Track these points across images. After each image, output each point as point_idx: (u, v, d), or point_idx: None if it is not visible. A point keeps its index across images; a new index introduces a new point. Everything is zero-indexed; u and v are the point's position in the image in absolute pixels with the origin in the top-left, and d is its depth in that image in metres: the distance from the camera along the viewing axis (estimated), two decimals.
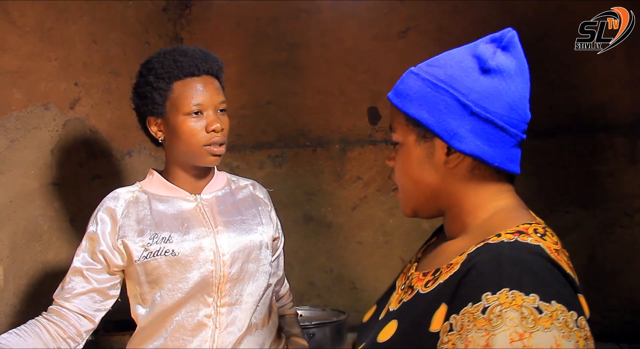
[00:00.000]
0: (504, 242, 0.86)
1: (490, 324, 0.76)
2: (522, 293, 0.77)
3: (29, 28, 1.99)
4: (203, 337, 1.50)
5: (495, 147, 0.93)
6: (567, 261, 0.88)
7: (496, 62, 0.93)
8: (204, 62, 1.51)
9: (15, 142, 1.92)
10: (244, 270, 1.55)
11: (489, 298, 0.79)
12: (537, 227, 0.90)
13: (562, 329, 0.75)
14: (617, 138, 2.84)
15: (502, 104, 0.92)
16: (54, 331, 1.43)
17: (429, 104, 0.95)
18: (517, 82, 0.94)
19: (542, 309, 0.76)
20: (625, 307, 2.84)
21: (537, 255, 0.83)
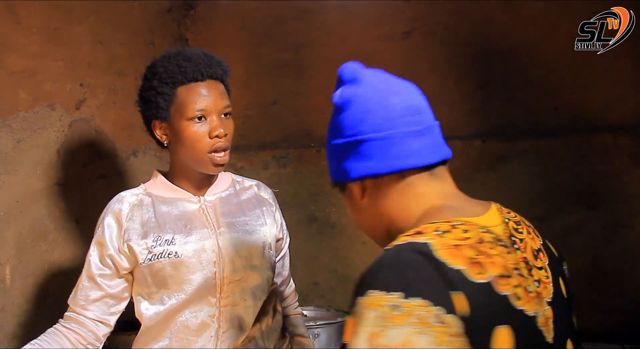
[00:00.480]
0: (396, 245, 0.88)
1: (354, 323, 0.79)
2: (385, 292, 0.79)
3: (35, 28, 2.00)
4: (207, 337, 1.51)
5: (371, 158, 0.98)
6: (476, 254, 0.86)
7: (340, 96, 1.04)
8: (207, 67, 1.52)
9: (22, 142, 1.93)
10: (247, 271, 1.56)
11: (358, 300, 0.81)
12: (443, 225, 0.90)
13: (416, 326, 0.75)
14: (622, 138, 2.83)
15: (356, 120, 0.99)
16: (75, 339, 1.48)
17: (332, 162, 1.07)
18: (368, 96, 1.00)
19: (401, 306, 0.77)
20: (630, 308, 2.84)
21: (417, 253, 0.84)
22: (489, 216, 0.98)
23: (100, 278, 1.51)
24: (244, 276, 1.55)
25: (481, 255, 0.86)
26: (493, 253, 0.88)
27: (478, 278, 0.83)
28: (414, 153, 0.96)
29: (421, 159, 0.97)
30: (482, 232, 0.91)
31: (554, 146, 2.90)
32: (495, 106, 2.92)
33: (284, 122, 3.16)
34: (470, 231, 0.89)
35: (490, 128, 2.93)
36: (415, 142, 0.97)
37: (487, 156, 2.89)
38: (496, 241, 0.91)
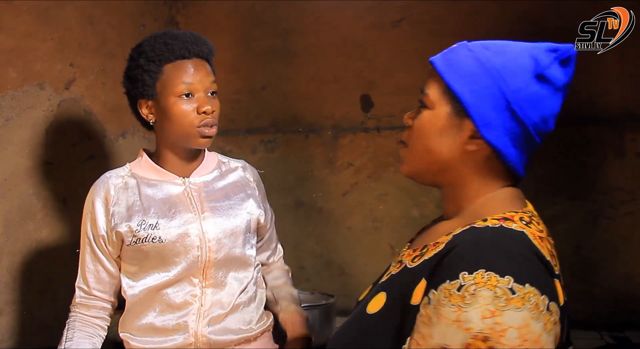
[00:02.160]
0: (489, 227, 0.89)
1: (463, 301, 0.80)
2: (497, 275, 0.80)
3: (25, 7, 2.00)
4: (189, 314, 1.55)
5: (517, 148, 0.96)
6: (551, 248, 0.92)
7: (551, 73, 0.95)
8: (194, 45, 1.52)
9: (10, 121, 1.94)
10: (230, 255, 1.58)
11: (465, 276, 0.82)
12: (524, 215, 0.93)
13: (533, 311, 0.79)
14: (606, 131, 2.87)
15: (540, 113, 0.95)
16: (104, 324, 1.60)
17: (474, 85, 0.95)
18: (558, 97, 0.97)
19: (516, 291, 0.79)
20: (608, 297, 2.89)
21: (518, 240, 0.87)
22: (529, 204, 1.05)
23: (101, 258, 1.55)
24: (227, 259, 1.58)
25: (553, 248, 0.93)
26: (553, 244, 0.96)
27: (556, 269, 0.90)
28: (526, 165, 1.02)
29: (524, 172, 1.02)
30: (544, 224, 0.97)
31: None
32: None
33: (272, 108, 3.17)
34: (540, 223, 0.95)
35: None
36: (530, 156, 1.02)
37: None
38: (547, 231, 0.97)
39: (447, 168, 1.00)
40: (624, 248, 2.88)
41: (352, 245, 3.11)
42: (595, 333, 2.81)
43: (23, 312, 1.98)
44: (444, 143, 0.99)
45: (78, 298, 1.57)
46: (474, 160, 0.98)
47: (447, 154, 0.99)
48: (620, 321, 2.86)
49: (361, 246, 3.08)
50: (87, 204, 1.56)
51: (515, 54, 0.97)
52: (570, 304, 2.94)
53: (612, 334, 2.80)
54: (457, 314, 0.80)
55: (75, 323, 1.55)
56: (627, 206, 2.88)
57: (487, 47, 1.00)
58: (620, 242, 2.88)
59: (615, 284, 2.89)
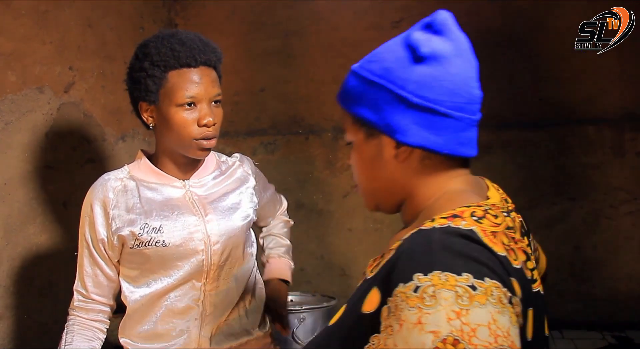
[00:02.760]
0: (435, 227, 0.85)
1: (423, 302, 0.76)
2: (455, 274, 0.77)
3: (24, 11, 1.99)
4: (191, 319, 1.54)
5: (442, 134, 0.91)
6: (509, 242, 0.88)
7: (430, 48, 0.90)
8: (202, 53, 1.46)
9: (10, 124, 1.93)
10: (233, 255, 1.57)
11: (420, 278, 0.78)
12: (477, 210, 0.89)
13: (497, 305, 0.76)
14: (605, 131, 2.88)
15: (442, 90, 0.90)
16: (103, 327, 1.58)
17: (369, 101, 0.94)
18: (456, 64, 0.91)
19: (477, 286, 0.76)
20: (609, 297, 2.89)
21: (467, 239, 0.83)
22: (493, 195, 1.01)
23: (99, 262, 1.53)
24: (230, 261, 1.57)
25: (511, 242, 0.88)
26: (517, 238, 0.91)
27: (515, 263, 0.85)
28: (470, 142, 0.95)
29: (471, 151, 0.95)
30: (506, 217, 0.92)
31: (538, 137, 2.94)
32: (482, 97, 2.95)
33: (272, 109, 3.17)
34: (498, 216, 0.90)
35: None
36: (473, 132, 0.95)
37: None
38: (513, 224, 0.93)
39: (394, 187, 0.99)
40: (625, 248, 2.89)
41: (353, 246, 3.11)
42: (597, 333, 2.81)
43: (23, 316, 1.97)
44: (378, 167, 0.98)
45: (76, 301, 1.56)
46: (411, 167, 0.95)
47: (387, 175, 0.97)
48: (621, 321, 2.86)
49: (362, 248, 3.08)
50: (85, 207, 1.53)
51: (391, 51, 0.95)
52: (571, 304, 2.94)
53: (614, 334, 2.80)
54: (418, 316, 0.76)
55: (74, 327, 1.54)
56: (627, 206, 2.88)
57: (368, 59, 0.98)
58: (621, 242, 2.89)
59: (616, 284, 2.89)
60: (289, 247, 1.89)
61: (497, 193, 1.03)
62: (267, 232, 1.90)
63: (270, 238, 1.88)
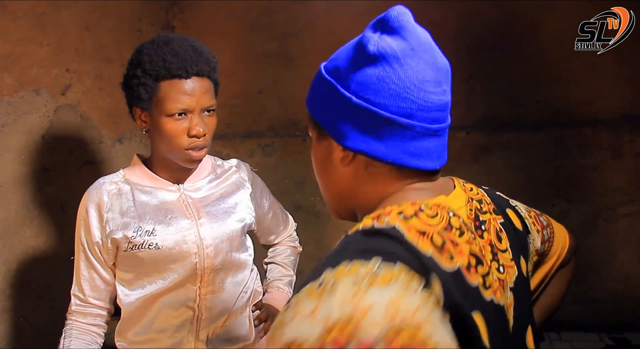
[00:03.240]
0: (359, 230, 0.80)
1: (322, 294, 0.69)
2: (362, 260, 0.71)
3: (21, 13, 1.99)
4: (186, 323, 1.54)
5: (385, 141, 0.84)
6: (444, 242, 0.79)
7: (377, 47, 0.83)
8: (194, 65, 1.46)
9: (6, 127, 1.93)
10: (228, 259, 1.57)
11: (327, 273, 0.72)
12: (407, 208, 0.82)
13: (405, 284, 0.69)
14: (603, 133, 2.88)
15: (387, 92, 0.82)
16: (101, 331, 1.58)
17: (321, 101, 0.90)
18: (409, 65, 0.83)
19: (382, 268, 0.70)
20: (607, 298, 2.90)
21: (387, 237, 0.77)
22: (455, 196, 0.92)
23: (95, 265, 1.53)
24: (224, 265, 1.56)
25: (448, 243, 0.80)
26: (460, 241, 0.82)
27: (447, 265, 0.77)
28: (426, 154, 0.86)
29: (428, 163, 0.87)
30: (451, 216, 0.84)
31: (536, 138, 2.94)
32: (480, 98, 2.96)
33: (270, 112, 3.17)
34: (437, 215, 0.82)
35: (474, 120, 2.96)
36: (432, 143, 0.86)
37: (470, 148, 2.93)
38: (464, 225, 0.85)
39: (344, 193, 0.94)
40: (623, 250, 2.89)
41: None
42: (595, 335, 2.82)
43: (20, 319, 1.97)
44: (328, 169, 0.93)
45: (74, 305, 1.56)
46: (357, 173, 0.89)
47: (336, 179, 0.93)
48: (619, 322, 2.86)
49: None
50: (80, 210, 1.53)
51: (346, 49, 0.89)
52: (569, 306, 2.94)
53: (612, 336, 2.80)
54: (314, 307, 0.68)
55: (72, 331, 1.53)
56: (625, 208, 2.88)
57: (331, 57, 0.93)
58: (619, 244, 2.89)
59: (614, 285, 2.89)
60: (292, 279, 1.86)
61: (463, 193, 0.95)
62: (271, 258, 1.88)
63: (273, 267, 1.87)
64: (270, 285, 1.81)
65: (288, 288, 1.82)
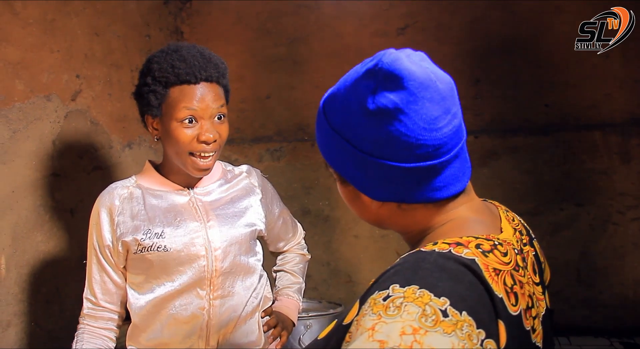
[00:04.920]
0: (435, 251, 0.79)
1: (385, 311, 0.70)
2: (432, 294, 0.71)
3: (31, 20, 2.01)
4: (197, 328, 1.55)
5: (412, 186, 0.84)
6: (513, 285, 0.80)
7: (376, 105, 0.80)
8: (202, 70, 1.47)
9: (18, 132, 1.94)
10: (236, 263, 1.57)
11: (395, 288, 0.73)
12: (484, 242, 0.82)
13: (464, 340, 0.68)
14: (611, 137, 2.87)
15: (400, 145, 0.81)
16: (113, 335, 1.59)
17: (335, 154, 0.88)
18: (414, 112, 0.80)
19: (449, 314, 0.70)
20: (617, 303, 2.88)
21: (464, 267, 0.76)
22: (506, 229, 0.92)
23: (107, 268, 1.55)
24: (233, 268, 1.57)
25: (516, 285, 0.80)
26: (524, 282, 0.83)
27: (512, 309, 0.78)
28: (454, 179, 0.86)
29: (457, 186, 0.87)
30: (516, 255, 0.85)
31: (544, 142, 2.94)
32: (488, 102, 2.96)
33: (278, 116, 3.18)
34: (508, 254, 0.83)
35: (481, 124, 2.96)
36: (455, 166, 0.86)
37: (478, 152, 2.92)
38: (523, 264, 0.86)
39: (380, 222, 0.94)
40: (633, 254, 2.87)
41: (358, 253, 3.11)
42: (605, 339, 2.80)
43: (31, 323, 1.98)
44: (358, 206, 0.93)
45: (86, 309, 1.57)
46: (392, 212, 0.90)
47: (372, 214, 0.92)
48: (630, 327, 2.84)
49: (368, 254, 3.08)
50: (93, 214, 1.56)
51: (345, 101, 0.85)
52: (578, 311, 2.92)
53: (622, 341, 2.78)
54: (374, 322, 0.70)
55: (84, 335, 1.55)
56: (634, 212, 2.87)
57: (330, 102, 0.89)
58: (629, 248, 2.87)
59: (624, 290, 2.87)
60: (301, 286, 1.87)
61: (509, 225, 0.94)
62: (280, 266, 1.89)
63: (282, 274, 1.88)
64: (280, 293, 1.81)
65: (297, 296, 1.83)
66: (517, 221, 0.99)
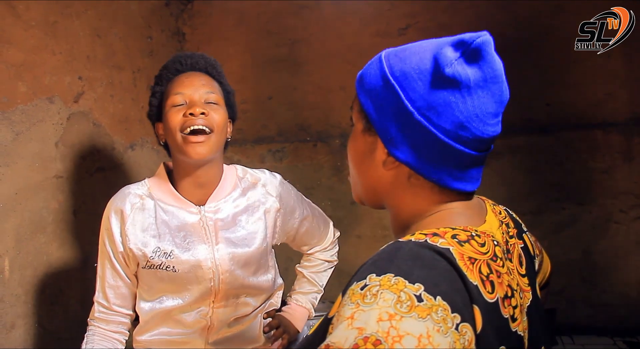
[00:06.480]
0: (411, 240, 0.81)
1: (363, 299, 0.73)
2: (406, 280, 0.73)
3: (34, 22, 2.01)
4: (199, 331, 1.58)
5: (435, 162, 0.85)
6: (489, 273, 0.82)
7: (453, 71, 0.82)
8: (188, 58, 1.58)
9: (20, 135, 1.94)
10: (244, 284, 1.59)
11: (372, 278, 0.75)
12: (461, 233, 0.83)
13: (439, 324, 0.71)
14: (613, 135, 2.87)
15: (451, 118, 0.82)
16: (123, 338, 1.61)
17: (377, 99, 0.87)
18: (478, 96, 0.83)
19: (423, 299, 0.72)
20: (619, 302, 2.88)
21: (439, 254, 0.78)
22: (490, 221, 0.93)
23: (121, 273, 1.56)
24: (240, 288, 1.59)
25: (493, 274, 0.82)
26: (502, 271, 0.85)
27: (488, 296, 0.80)
28: (469, 179, 0.89)
29: (469, 186, 0.89)
30: (495, 246, 0.86)
31: (546, 142, 2.93)
32: None
33: (279, 117, 3.18)
34: (485, 244, 0.84)
35: None
36: (476, 169, 0.89)
37: None
38: (503, 255, 0.87)
39: (378, 189, 0.94)
40: (635, 253, 2.87)
41: (361, 253, 3.10)
42: (608, 339, 2.80)
43: (35, 325, 1.98)
44: (366, 163, 0.92)
45: (97, 312, 1.58)
46: (397, 179, 0.90)
47: (372, 175, 0.92)
48: (633, 326, 2.84)
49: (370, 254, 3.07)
50: (104, 220, 1.56)
51: (418, 57, 0.86)
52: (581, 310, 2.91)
53: (625, 340, 2.78)
54: (353, 311, 0.72)
55: (94, 337, 1.56)
56: (636, 210, 2.87)
57: (397, 52, 0.90)
58: (631, 247, 2.87)
59: (626, 289, 2.87)
60: (317, 294, 1.87)
61: (495, 218, 0.96)
62: (302, 267, 1.88)
63: (300, 278, 1.88)
64: (292, 297, 1.83)
65: (308, 304, 1.83)
66: (504, 214, 1.01)
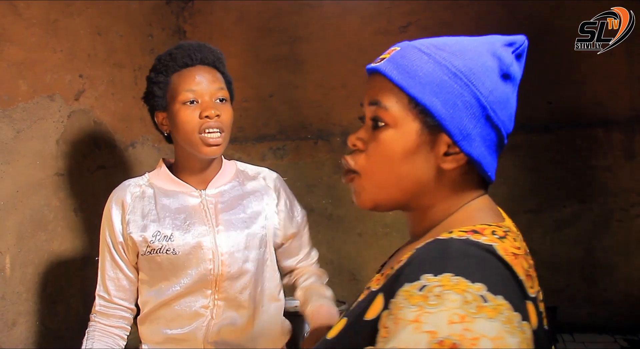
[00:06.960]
0: (454, 238, 0.79)
1: (426, 301, 0.69)
2: (468, 280, 0.70)
3: (34, 20, 2.01)
4: (199, 325, 1.55)
5: (492, 155, 0.88)
6: (528, 268, 0.81)
7: (513, 70, 0.87)
8: (197, 52, 1.55)
9: (21, 132, 1.95)
10: (243, 269, 1.57)
11: (429, 278, 0.71)
12: (497, 229, 0.83)
13: (507, 324, 0.68)
14: (615, 134, 2.87)
15: (507, 113, 0.87)
16: (123, 333, 1.60)
17: (445, 94, 0.83)
18: (516, 93, 0.90)
19: (488, 299, 0.69)
20: (621, 300, 2.87)
21: (487, 252, 0.76)
22: (505, 217, 0.94)
23: (121, 264, 1.57)
24: (240, 273, 1.57)
25: (531, 268, 0.82)
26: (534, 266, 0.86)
27: (531, 291, 0.79)
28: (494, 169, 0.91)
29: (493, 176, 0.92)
30: (523, 242, 0.87)
31: (548, 140, 2.93)
32: None
33: (280, 115, 3.18)
34: (517, 239, 0.84)
35: None
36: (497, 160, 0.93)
37: None
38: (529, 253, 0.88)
39: (420, 193, 0.89)
40: (637, 250, 2.87)
41: (362, 251, 3.11)
42: (609, 337, 2.80)
43: (36, 322, 1.98)
44: (415, 164, 0.86)
45: (98, 306, 1.58)
46: (449, 177, 0.87)
47: (422, 177, 0.87)
48: (634, 324, 2.84)
49: (372, 252, 3.08)
50: (105, 211, 1.58)
51: (476, 53, 0.86)
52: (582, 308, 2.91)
53: (626, 338, 2.78)
54: (418, 314, 0.68)
55: (95, 333, 1.56)
56: (638, 208, 2.87)
57: (440, 47, 0.87)
58: (633, 245, 2.87)
59: (628, 287, 2.87)
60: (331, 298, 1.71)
61: (509, 219, 0.95)
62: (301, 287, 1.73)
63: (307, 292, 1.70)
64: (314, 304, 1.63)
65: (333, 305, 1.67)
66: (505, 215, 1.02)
